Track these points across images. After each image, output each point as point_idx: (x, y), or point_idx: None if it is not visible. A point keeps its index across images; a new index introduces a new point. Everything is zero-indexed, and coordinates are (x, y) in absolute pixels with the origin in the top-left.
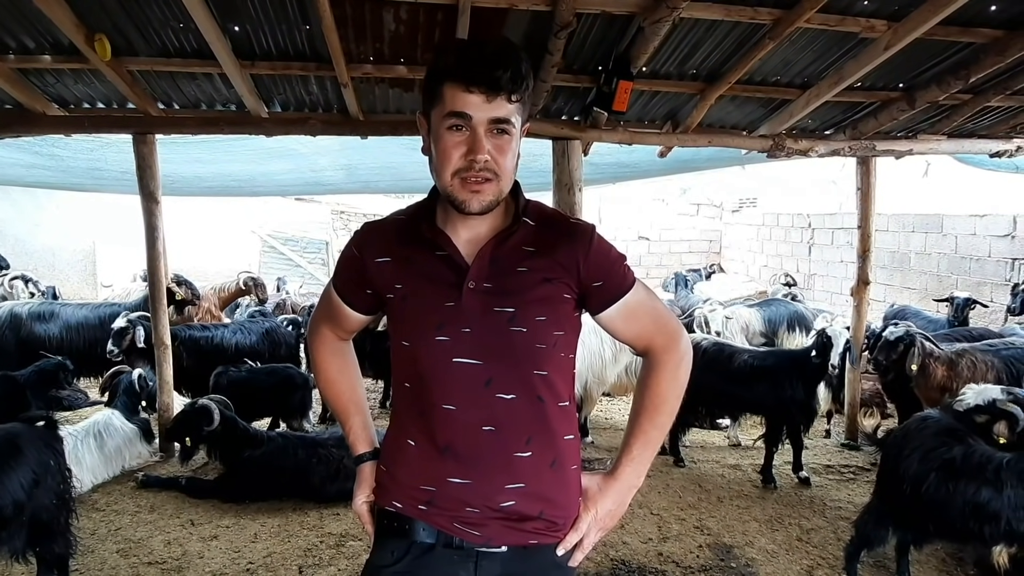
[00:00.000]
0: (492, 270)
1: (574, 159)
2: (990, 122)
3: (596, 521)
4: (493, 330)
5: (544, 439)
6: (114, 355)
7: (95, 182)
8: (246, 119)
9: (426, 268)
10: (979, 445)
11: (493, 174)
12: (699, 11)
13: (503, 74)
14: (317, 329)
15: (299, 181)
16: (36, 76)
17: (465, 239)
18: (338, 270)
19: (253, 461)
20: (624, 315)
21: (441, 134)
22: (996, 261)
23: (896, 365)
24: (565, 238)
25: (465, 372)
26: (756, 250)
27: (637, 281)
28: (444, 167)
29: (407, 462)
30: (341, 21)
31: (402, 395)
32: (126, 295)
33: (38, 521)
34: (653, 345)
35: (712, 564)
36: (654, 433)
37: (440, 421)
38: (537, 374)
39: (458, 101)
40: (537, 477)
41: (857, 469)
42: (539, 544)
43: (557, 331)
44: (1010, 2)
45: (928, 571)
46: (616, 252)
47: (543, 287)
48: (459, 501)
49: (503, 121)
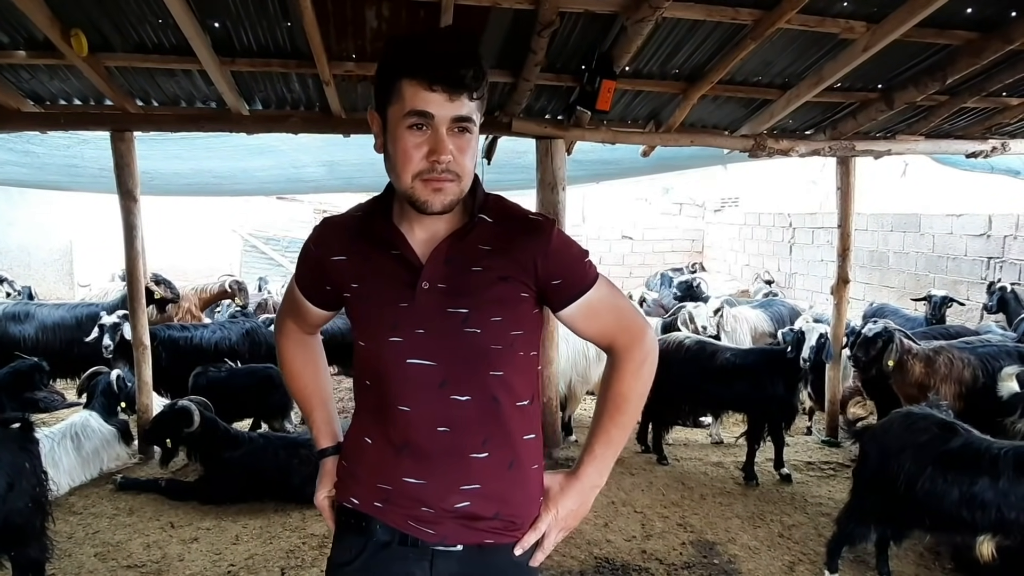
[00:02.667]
0: (447, 270)
1: (557, 158)
2: (966, 123)
3: (557, 521)
4: (447, 331)
5: (501, 440)
6: (109, 350)
7: (72, 180)
8: (226, 117)
9: (381, 267)
10: (973, 436)
11: (455, 174)
12: (681, 11)
13: (466, 72)
14: (282, 323)
15: (280, 178)
16: (10, 72)
17: (421, 238)
18: (299, 267)
19: (234, 462)
20: (585, 312)
21: (400, 134)
22: (972, 260)
23: (875, 361)
24: (523, 235)
25: (419, 373)
26: (738, 249)
27: (600, 277)
28: (404, 168)
29: (365, 459)
30: (322, 18)
31: (362, 392)
32: (104, 295)
33: (12, 525)
34: (616, 343)
35: (695, 561)
36: (616, 432)
37: (396, 421)
38: (493, 375)
39: (420, 100)
40: (493, 478)
41: (837, 466)
42: (495, 544)
43: (515, 331)
44: (984, 5)
45: (906, 565)
46: (577, 248)
47: (499, 286)
48: (414, 500)
49: (465, 120)
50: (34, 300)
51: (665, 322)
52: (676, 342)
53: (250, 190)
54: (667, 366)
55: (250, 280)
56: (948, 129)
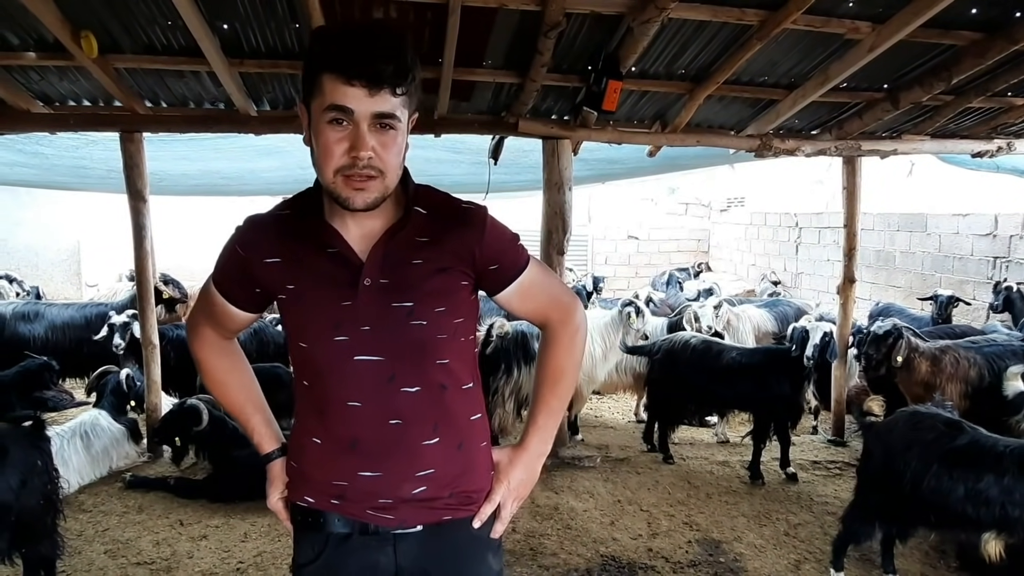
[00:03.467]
0: (386, 265)
1: (564, 158)
2: (972, 123)
3: (510, 491)
4: (392, 326)
5: (449, 424)
6: (120, 348)
7: (81, 180)
8: (234, 117)
9: (318, 267)
10: (979, 433)
11: (378, 171)
12: (687, 12)
13: (386, 67)
14: (198, 330)
15: (288, 179)
16: (20, 73)
17: (357, 235)
18: (220, 268)
19: (242, 460)
20: (520, 294)
21: (321, 128)
22: (978, 260)
23: (885, 359)
24: (458, 225)
25: (367, 369)
26: (744, 249)
27: (531, 259)
28: (326, 163)
29: (314, 459)
30: (331, 19)
31: (302, 393)
32: (112, 295)
33: (24, 522)
34: (549, 320)
35: (701, 559)
36: (555, 403)
37: (344, 418)
38: (439, 363)
39: (338, 94)
40: (445, 461)
41: (843, 465)
42: (453, 519)
43: (456, 319)
44: (989, 5)
45: (912, 563)
46: (510, 233)
47: (439, 277)
48: (370, 493)
49: (387, 116)
50: (42, 300)
51: (671, 321)
52: (682, 341)
53: (257, 191)
54: (673, 365)
55: None
56: (954, 129)
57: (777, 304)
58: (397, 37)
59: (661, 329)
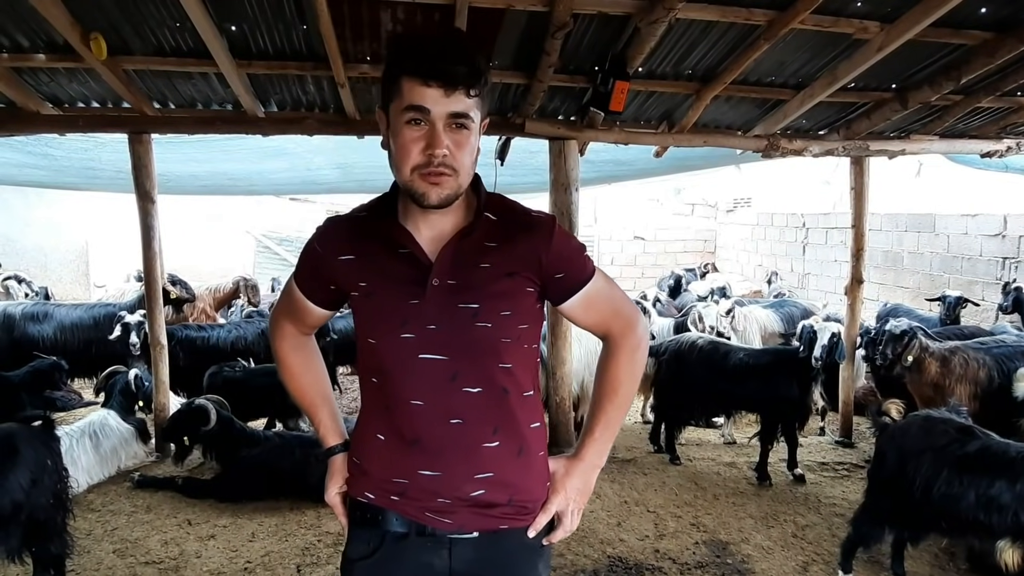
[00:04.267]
0: (455, 266)
1: (570, 159)
2: (981, 122)
3: (566, 502)
4: (458, 326)
5: (510, 429)
6: (136, 347)
7: (89, 182)
8: (242, 119)
9: (389, 266)
10: (992, 439)
11: (451, 169)
12: (694, 12)
13: (461, 68)
14: (279, 324)
15: (295, 180)
16: (30, 75)
17: (428, 236)
18: (300, 266)
19: (250, 460)
20: (584, 304)
21: (400, 128)
22: (987, 260)
23: (898, 360)
24: (526, 232)
25: (431, 367)
26: (751, 250)
27: (596, 270)
28: (403, 162)
29: (377, 456)
30: (338, 21)
31: (369, 390)
32: (120, 295)
33: (34, 521)
34: (611, 331)
35: (708, 561)
36: (614, 414)
37: (407, 415)
38: (501, 367)
39: (416, 95)
40: (504, 466)
41: (851, 466)
42: (509, 528)
43: (521, 324)
44: (999, 5)
45: (921, 566)
46: (576, 243)
47: (505, 281)
48: (430, 492)
49: (461, 115)
50: (51, 300)
51: (677, 322)
52: (689, 342)
53: (265, 191)
54: (680, 366)
55: (263, 280)
56: (963, 129)
57: (783, 305)
58: (469, 43)
59: (668, 330)
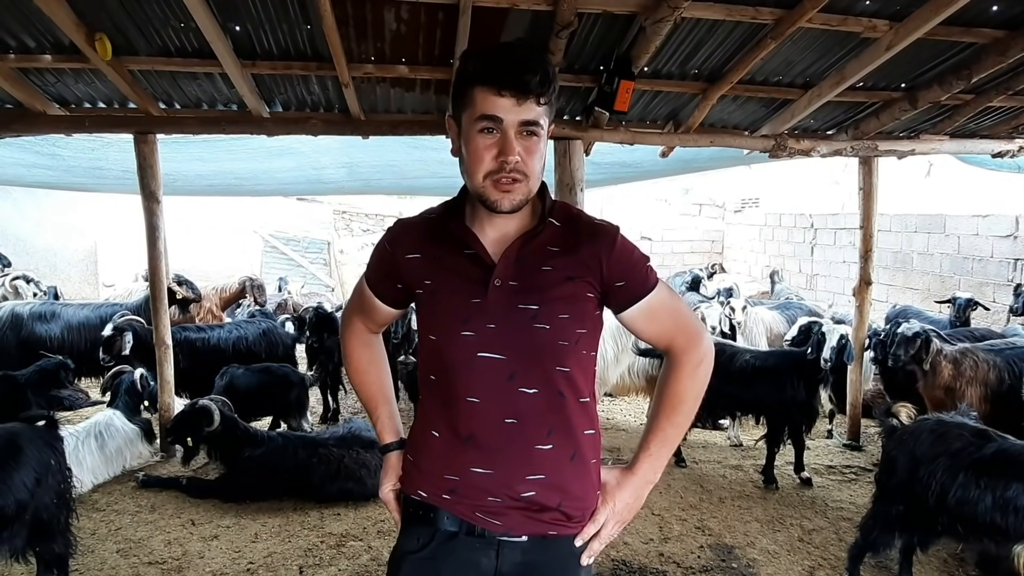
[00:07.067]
0: (518, 268)
1: (576, 159)
2: (992, 122)
3: (614, 514)
4: (517, 326)
5: (564, 433)
6: (107, 362)
7: (96, 182)
8: (247, 119)
9: (454, 265)
10: (1008, 442)
11: (523, 175)
12: (700, 11)
13: (532, 77)
14: (349, 321)
15: (301, 179)
16: (36, 75)
17: (492, 238)
18: (371, 264)
19: (253, 461)
20: (646, 315)
21: (472, 136)
22: (998, 261)
23: (911, 362)
24: (589, 239)
25: (489, 366)
26: (758, 250)
27: (660, 282)
28: (476, 169)
29: (431, 452)
30: (342, 21)
31: (428, 387)
32: (128, 295)
33: (38, 520)
34: (674, 345)
35: (713, 564)
36: (672, 431)
37: (464, 413)
38: (559, 370)
39: (489, 104)
40: (557, 469)
41: (859, 470)
42: (558, 535)
43: (580, 329)
44: (1011, 2)
45: (929, 571)
46: (639, 253)
47: (566, 285)
48: (481, 490)
49: (532, 123)
50: (59, 300)
51: None
52: None
53: (270, 191)
54: None
55: (270, 280)
56: (973, 128)
57: (789, 306)
58: (539, 53)
59: None
